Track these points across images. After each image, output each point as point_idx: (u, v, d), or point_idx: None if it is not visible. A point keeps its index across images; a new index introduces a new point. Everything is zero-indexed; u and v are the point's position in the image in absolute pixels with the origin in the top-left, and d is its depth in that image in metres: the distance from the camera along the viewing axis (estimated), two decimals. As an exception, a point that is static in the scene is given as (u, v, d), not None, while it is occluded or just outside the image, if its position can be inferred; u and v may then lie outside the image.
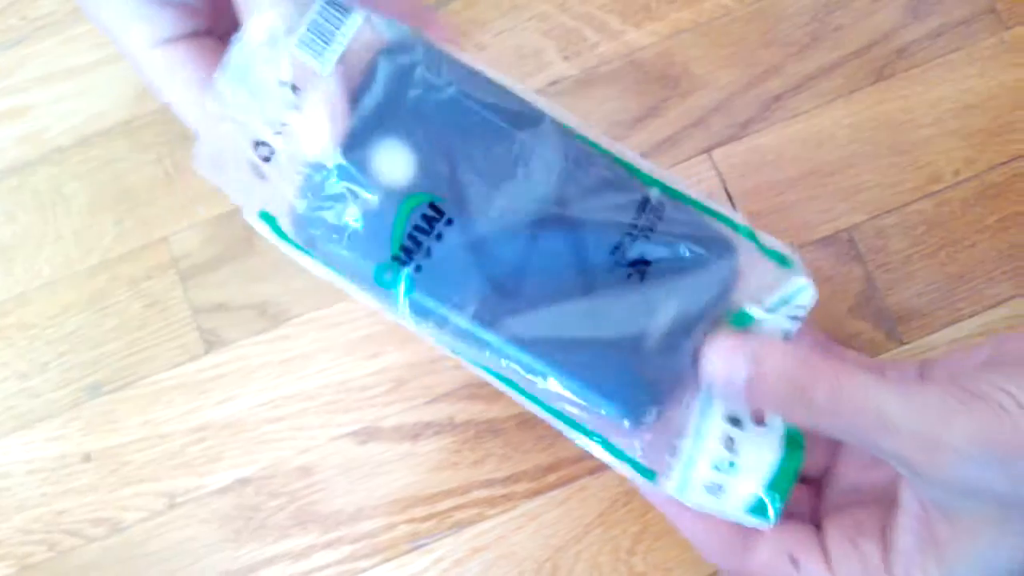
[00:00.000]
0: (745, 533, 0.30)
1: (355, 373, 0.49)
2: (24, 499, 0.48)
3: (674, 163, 0.50)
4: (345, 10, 0.27)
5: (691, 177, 0.50)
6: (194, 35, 0.29)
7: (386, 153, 0.28)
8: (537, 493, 0.48)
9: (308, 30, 0.27)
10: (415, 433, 0.48)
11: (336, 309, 0.49)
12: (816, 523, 0.32)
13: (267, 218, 0.30)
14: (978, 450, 0.26)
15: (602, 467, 0.48)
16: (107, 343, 0.49)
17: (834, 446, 0.34)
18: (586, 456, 0.48)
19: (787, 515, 0.32)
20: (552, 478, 0.48)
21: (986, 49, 0.51)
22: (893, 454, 0.27)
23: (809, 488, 0.34)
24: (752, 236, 0.32)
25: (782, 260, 0.31)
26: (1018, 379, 0.27)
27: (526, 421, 0.48)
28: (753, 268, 0.31)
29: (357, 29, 0.28)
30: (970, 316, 0.49)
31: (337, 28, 0.27)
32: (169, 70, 0.28)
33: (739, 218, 0.32)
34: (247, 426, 0.48)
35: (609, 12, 0.52)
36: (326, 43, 0.27)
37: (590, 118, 0.51)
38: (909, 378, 0.33)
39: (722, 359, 0.28)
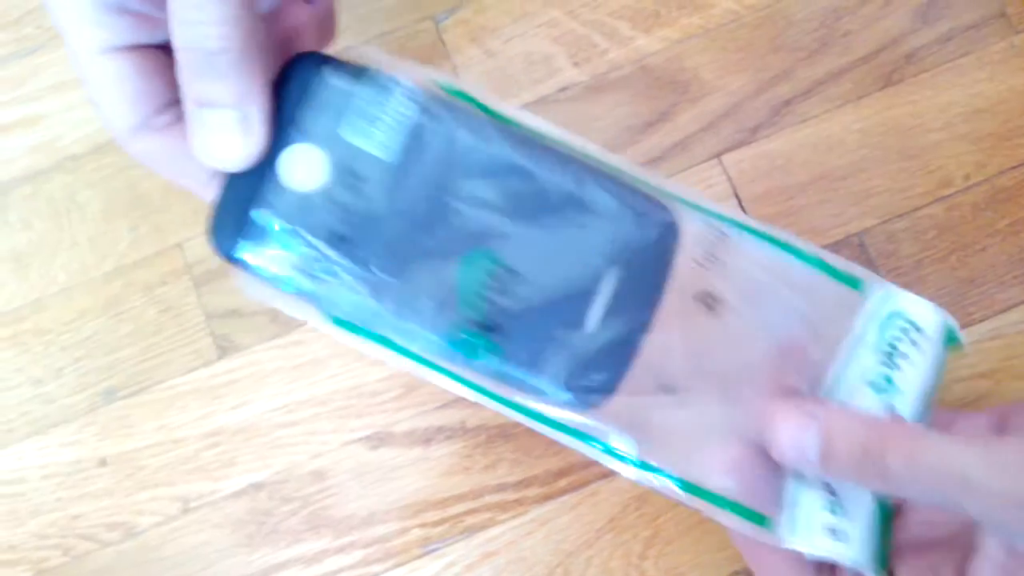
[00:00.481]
0: None
1: (367, 378, 0.49)
2: (39, 504, 0.48)
3: (684, 168, 0.50)
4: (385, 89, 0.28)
5: (701, 182, 0.50)
6: (146, 47, 0.27)
7: (437, 212, 0.28)
8: (548, 498, 0.48)
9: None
10: (427, 438, 0.48)
11: (348, 315, 0.49)
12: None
13: (340, 321, 0.30)
14: None
15: (614, 472, 0.48)
16: (122, 349, 0.50)
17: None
18: (597, 461, 0.48)
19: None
20: (563, 483, 0.48)
21: (996, 53, 0.51)
22: (981, 515, 0.25)
23: None
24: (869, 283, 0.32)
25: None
26: None
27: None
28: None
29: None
30: (981, 320, 0.49)
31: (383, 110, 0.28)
32: (109, 79, 0.26)
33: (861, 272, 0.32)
34: (260, 431, 0.49)
35: (619, 18, 0.52)
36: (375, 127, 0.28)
37: (600, 124, 0.51)
38: (981, 430, 0.31)
39: (790, 434, 0.27)
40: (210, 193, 0.28)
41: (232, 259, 0.29)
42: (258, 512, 0.48)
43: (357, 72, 0.28)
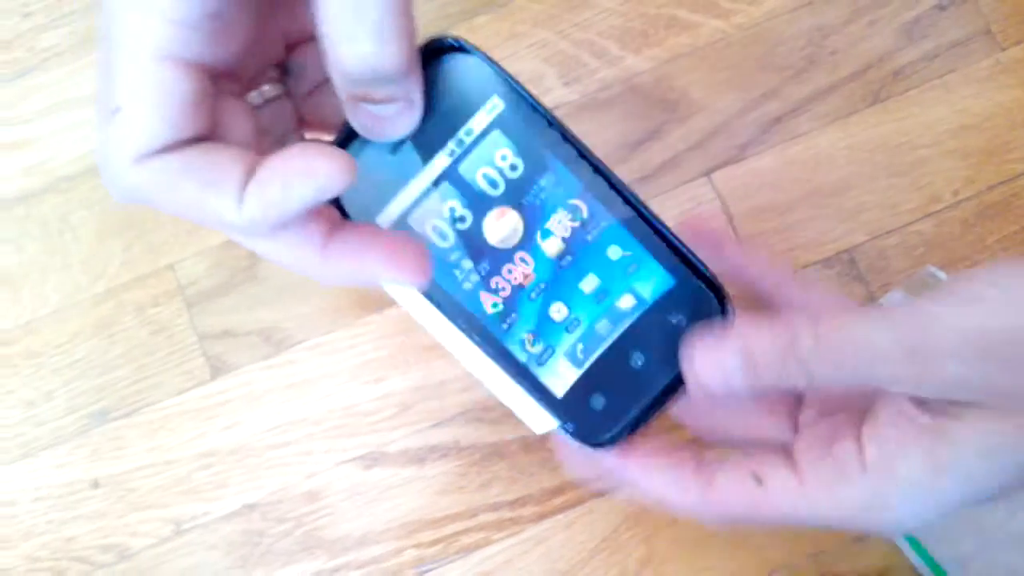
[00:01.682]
0: (700, 467, 0.29)
1: (360, 398, 0.49)
2: (31, 526, 0.48)
3: (675, 186, 0.51)
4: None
5: (691, 200, 0.51)
6: (203, 67, 0.25)
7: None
8: (543, 516, 0.48)
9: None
10: (421, 457, 0.48)
11: (341, 335, 0.49)
12: (793, 430, 0.31)
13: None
14: (968, 345, 0.25)
15: (609, 490, 0.48)
16: (114, 370, 0.49)
17: (796, 405, 0.33)
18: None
19: (760, 440, 0.31)
20: (558, 501, 0.48)
21: (982, 70, 0.52)
22: (889, 378, 0.26)
23: (784, 405, 0.32)
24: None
25: None
26: (996, 273, 0.26)
27: (531, 444, 0.48)
28: None
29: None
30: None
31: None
32: (156, 87, 0.24)
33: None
34: (253, 451, 0.48)
35: (608, 38, 0.52)
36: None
37: (590, 142, 0.51)
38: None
39: (712, 364, 0.27)
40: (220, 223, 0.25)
41: None
42: (251, 533, 0.48)
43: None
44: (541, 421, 0.28)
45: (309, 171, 0.23)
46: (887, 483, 0.27)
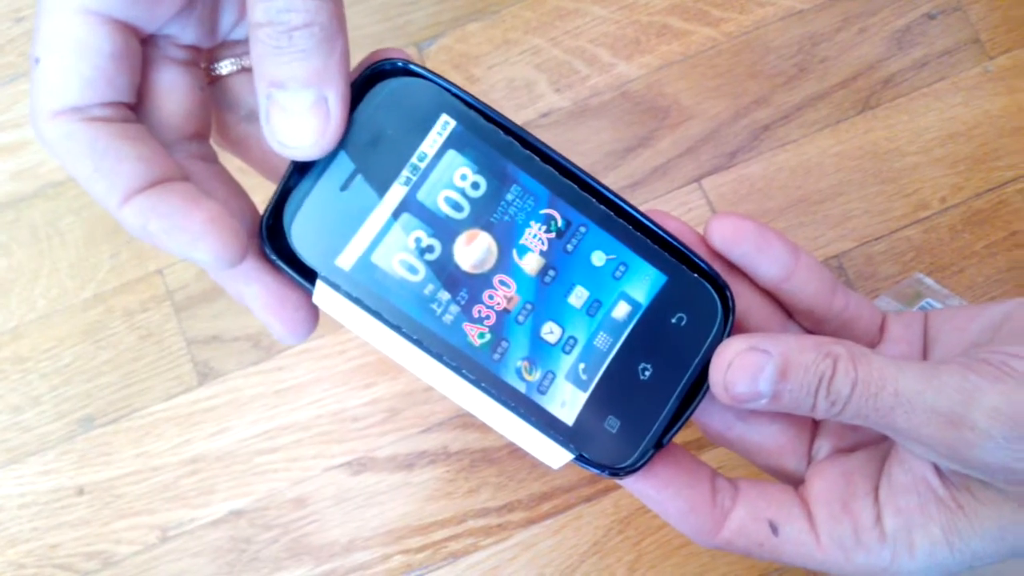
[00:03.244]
0: (717, 499, 0.28)
1: (349, 403, 0.49)
2: (16, 533, 0.48)
3: (665, 192, 0.51)
4: None
5: (681, 206, 0.51)
6: (125, 27, 0.24)
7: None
8: (532, 522, 0.47)
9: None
10: (409, 463, 0.48)
11: (329, 340, 0.49)
12: (806, 459, 0.30)
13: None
14: (1005, 429, 0.24)
15: (597, 495, 0.47)
16: (101, 376, 0.49)
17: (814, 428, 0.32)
18: (580, 484, 0.48)
19: (774, 465, 0.31)
20: (547, 507, 0.48)
21: (970, 78, 0.52)
22: (912, 436, 0.25)
23: (808, 424, 0.31)
24: None
25: None
26: None
27: (519, 450, 0.48)
28: None
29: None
30: (960, 341, 0.49)
31: None
32: (75, 43, 0.23)
33: None
34: (240, 458, 0.48)
35: (599, 46, 0.53)
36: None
37: (581, 149, 0.51)
38: (915, 354, 0.31)
39: (748, 373, 0.26)
40: (137, 198, 0.24)
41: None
42: (238, 540, 0.47)
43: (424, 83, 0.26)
44: (554, 455, 0.26)
45: (197, 237, 0.23)
46: (904, 557, 0.26)
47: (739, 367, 0.26)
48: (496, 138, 0.27)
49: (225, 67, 0.28)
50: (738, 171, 0.51)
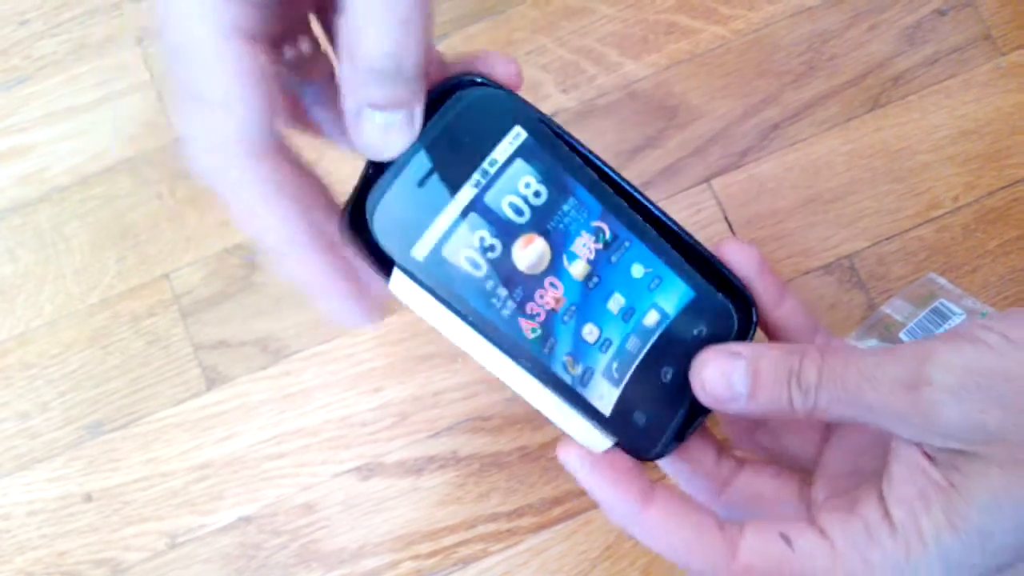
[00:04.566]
0: (724, 529, 0.29)
1: (357, 408, 0.48)
2: (24, 540, 0.47)
3: (674, 193, 0.50)
4: None
5: (691, 206, 0.50)
6: (259, 41, 0.25)
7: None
8: (542, 527, 0.47)
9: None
10: (418, 468, 0.48)
11: (337, 344, 0.49)
12: (806, 508, 0.31)
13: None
14: (958, 380, 0.25)
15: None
16: (108, 381, 0.49)
17: (823, 436, 0.33)
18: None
19: (774, 511, 0.32)
20: (557, 511, 0.47)
21: (982, 75, 0.52)
22: (883, 410, 0.26)
23: (801, 479, 0.33)
24: None
25: None
26: (1003, 320, 0.26)
27: (530, 454, 0.48)
28: None
29: None
30: (974, 342, 0.48)
31: None
32: (239, 68, 0.23)
33: None
34: (249, 463, 0.48)
35: (607, 45, 0.52)
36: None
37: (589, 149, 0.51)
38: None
39: (719, 373, 0.28)
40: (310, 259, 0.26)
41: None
42: (247, 546, 0.47)
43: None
44: (598, 441, 0.29)
45: (331, 300, 0.26)
46: (917, 547, 0.26)
47: (713, 367, 0.28)
48: (560, 152, 0.29)
49: (304, 47, 0.29)
50: (748, 171, 0.51)
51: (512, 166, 0.29)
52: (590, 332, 0.29)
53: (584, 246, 0.29)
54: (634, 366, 0.30)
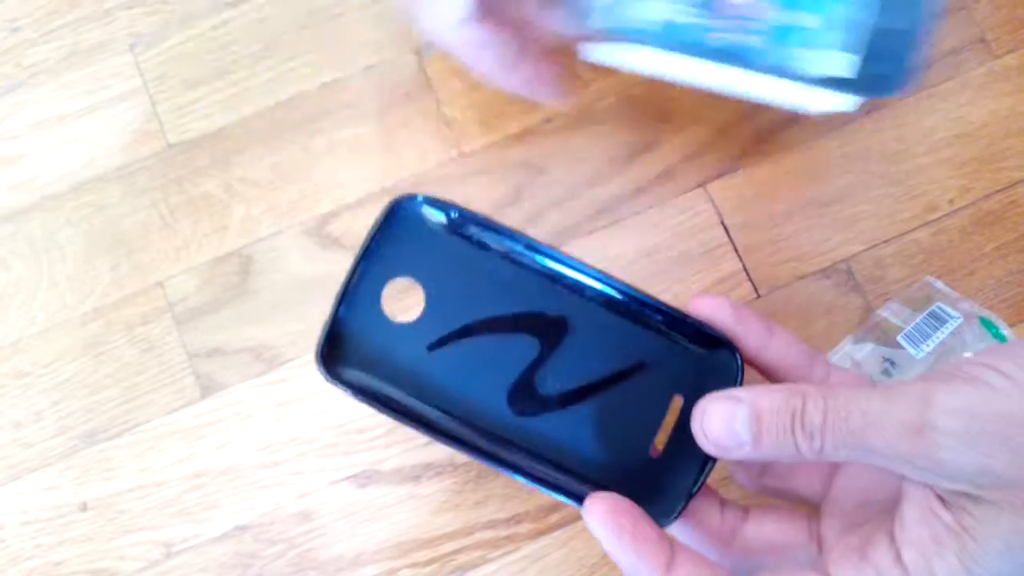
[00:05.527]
0: None
1: (353, 415, 0.48)
2: (18, 551, 0.47)
3: (670, 197, 0.50)
4: None
5: (687, 211, 0.50)
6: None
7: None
8: (540, 534, 0.47)
9: None
10: (415, 475, 0.48)
11: (333, 351, 0.49)
12: (817, 547, 0.31)
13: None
14: (963, 425, 0.25)
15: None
16: (103, 390, 0.49)
17: (831, 471, 0.33)
18: (589, 495, 0.47)
19: (787, 557, 0.31)
20: (555, 518, 0.47)
21: (977, 78, 0.52)
22: (889, 454, 0.26)
23: (809, 518, 0.33)
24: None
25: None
26: (1003, 357, 0.26)
27: (527, 460, 0.48)
28: None
29: None
30: (971, 345, 0.48)
31: None
32: (479, 45, 0.37)
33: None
34: (245, 472, 0.48)
35: (601, 49, 0.52)
36: None
37: (585, 154, 0.51)
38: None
39: (721, 421, 0.28)
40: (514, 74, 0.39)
41: None
42: (243, 555, 0.47)
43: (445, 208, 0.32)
44: (837, 102, 0.37)
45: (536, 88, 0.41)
46: None
47: (714, 414, 0.28)
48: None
49: None
50: (744, 175, 0.51)
51: None
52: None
53: None
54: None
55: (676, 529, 0.32)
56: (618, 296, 0.32)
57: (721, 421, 0.28)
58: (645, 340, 0.32)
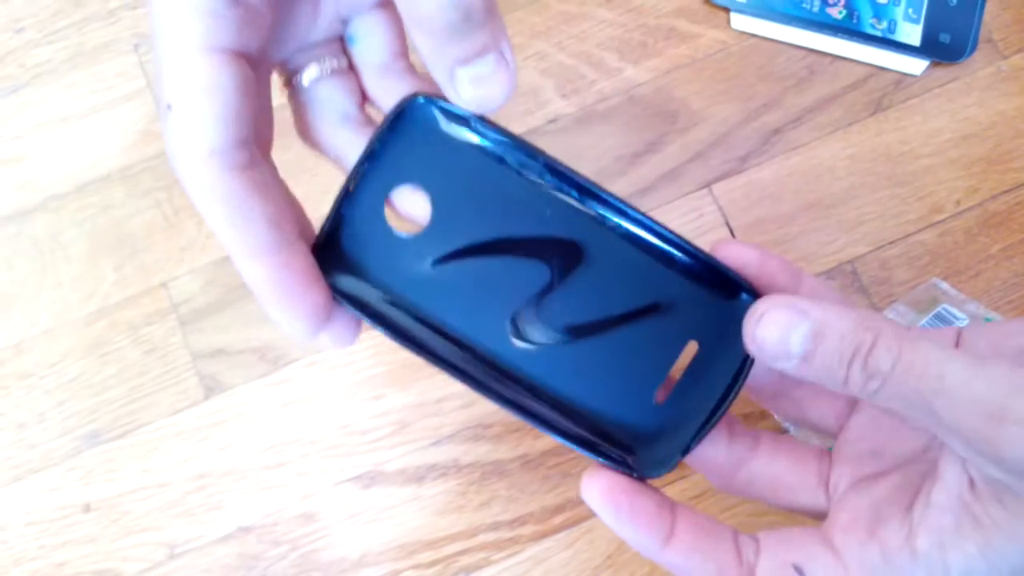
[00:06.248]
0: (741, 556, 0.28)
1: (357, 416, 0.48)
2: (22, 551, 0.47)
3: (675, 198, 0.50)
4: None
5: (692, 212, 0.50)
6: (243, 58, 0.25)
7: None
8: (544, 535, 0.47)
9: None
10: (419, 476, 0.47)
11: (337, 352, 0.49)
12: (825, 492, 0.30)
13: None
14: None
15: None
16: (106, 391, 0.49)
17: (850, 405, 0.31)
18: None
19: (792, 503, 0.30)
20: (559, 519, 0.47)
21: (983, 79, 0.51)
22: (951, 426, 0.24)
23: (819, 459, 0.31)
24: None
25: None
26: None
27: (531, 461, 0.47)
28: None
29: None
30: (977, 346, 0.48)
31: None
32: (206, 83, 0.24)
33: None
34: (248, 473, 0.48)
35: (606, 50, 0.52)
36: None
37: (589, 155, 0.51)
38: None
39: (777, 329, 0.25)
40: (260, 261, 0.26)
41: None
42: (247, 556, 0.47)
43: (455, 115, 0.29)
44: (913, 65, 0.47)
45: (296, 320, 0.26)
46: (938, 574, 0.26)
47: (771, 320, 0.26)
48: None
49: (309, 75, 0.29)
50: (749, 175, 0.50)
51: None
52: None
53: None
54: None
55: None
56: (640, 229, 0.29)
57: (778, 328, 0.26)
58: (664, 280, 0.29)
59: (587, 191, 0.29)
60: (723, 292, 0.29)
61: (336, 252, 0.29)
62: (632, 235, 0.29)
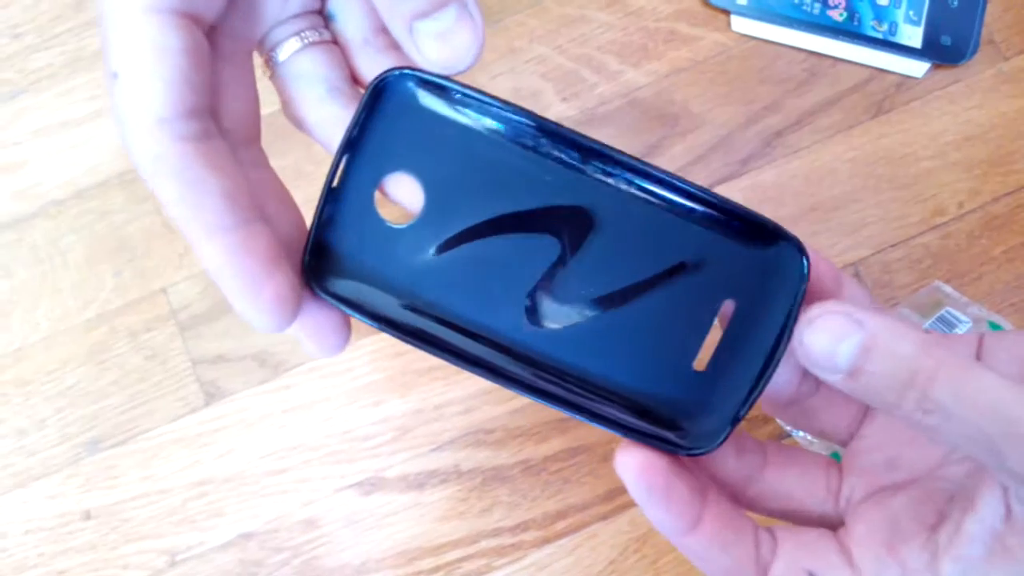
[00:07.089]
0: (760, 554, 0.27)
1: (358, 422, 0.48)
2: (22, 559, 0.47)
3: (676, 202, 0.50)
4: None
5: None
6: (192, 19, 0.24)
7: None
8: (546, 541, 0.47)
9: None
10: (420, 482, 0.47)
11: (338, 358, 0.48)
12: (834, 502, 0.29)
13: None
14: None
15: (613, 513, 0.47)
16: (106, 397, 0.48)
17: (863, 412, 0.29)
18: (595, 502, 0.47)
19: (802, 515, 0.29)
20: (561, 525, 0.47)
21: (985, 80, 0.51)
22: (1014, 467, 0.22)
23: (828, 471, 0.30)
24: None
25: None
26: None
27: (532, 467, 0.47)
28: None
29: None
30: (980, 350, 0.48)
31: None
32: (152, 46, 0.22)
33: None
34: (249, 479, 0.47)
35: (607, 53, 0.52)
36: None
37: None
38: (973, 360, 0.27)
39: (830, 336, 0.23)
40: (217, 240, 0.24)
41: None
42: (248, 563, 0.47)
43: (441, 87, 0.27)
44: (914, 67, 0.47)
45: (257, 310, 0.23)
46: None
47: (822, 326, 0.24)
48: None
49: (288, 49, 0.27)
50: (750, 179, 0.50)
51: None
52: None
53: None
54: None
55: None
56: (653, 184, 0.26)
57: (828, 337, 0.24)
58: (688, 236, 0.26)
59: (589, 150, 0.27)
60: (755, 241, 0.27)
61: (328, 257, 0.27)
62: (645, 191, 0.27)
